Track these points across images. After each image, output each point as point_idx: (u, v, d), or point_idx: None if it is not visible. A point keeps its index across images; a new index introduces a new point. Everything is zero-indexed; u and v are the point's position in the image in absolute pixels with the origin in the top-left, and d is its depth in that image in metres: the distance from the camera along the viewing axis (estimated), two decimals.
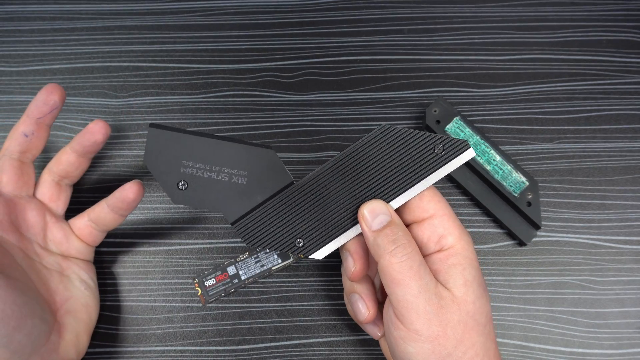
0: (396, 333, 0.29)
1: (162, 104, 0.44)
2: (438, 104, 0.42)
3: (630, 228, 0.41)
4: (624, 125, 0.44)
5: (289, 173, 0.31)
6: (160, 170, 0.30)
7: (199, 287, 0.38)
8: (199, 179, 0.30)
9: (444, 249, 0.30)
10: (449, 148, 0.30)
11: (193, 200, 0.31)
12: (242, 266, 0.38)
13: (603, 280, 0.40)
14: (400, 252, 0.29)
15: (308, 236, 0.31)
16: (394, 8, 0.47)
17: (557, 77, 0.45)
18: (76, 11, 0.47)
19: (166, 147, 0.30)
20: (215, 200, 0.31)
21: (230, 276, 0.38)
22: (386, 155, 0.31)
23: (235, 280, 0.38)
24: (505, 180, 0.40)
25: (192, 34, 0.46)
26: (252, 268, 0.38)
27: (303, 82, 0.45)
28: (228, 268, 0.38)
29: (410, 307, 0.28)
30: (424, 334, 0.28)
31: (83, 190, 0.42)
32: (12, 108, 0.44)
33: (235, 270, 0.38)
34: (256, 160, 0.30)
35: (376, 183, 0.31)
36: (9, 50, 0.46)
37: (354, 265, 0.32)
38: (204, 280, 0.38)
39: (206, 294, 0.38)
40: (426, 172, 0.31)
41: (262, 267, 0.38)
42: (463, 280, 0.29)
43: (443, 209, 0.31)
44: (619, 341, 0.39)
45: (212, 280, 0.38)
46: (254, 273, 0.38)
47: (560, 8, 0.47)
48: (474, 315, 0.29)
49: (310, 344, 0.39)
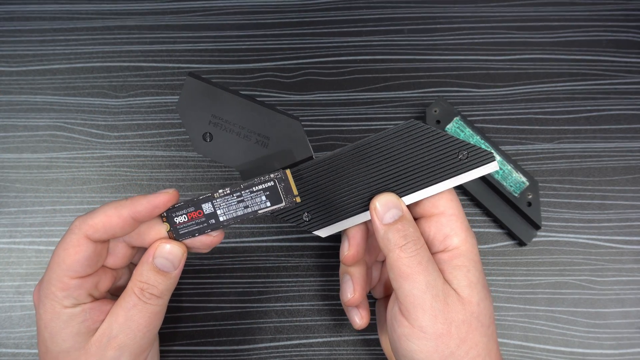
0: (400, 330, 0.29)
1: (162, 104, 0.44)
2: (438, 104, 0.42)
3: (630, 228, 0.41)
4: (624, 125, 0.44)
5: (310, 147, 0.31)
6: (190, 119, 0.31)
7: (167, 221, 0.31)
8: (224, 135, 0.31)
9: (449, 249, 0.30)
10: (474, 156, 0.30)
11: (214, 154, 0.32)
12: (222, 204, 0.31)
13: (603, 280, 0.40)
14: (411, 247, 0.29)
15: (316, 212, 0.32)
16: (394, 8, 0.47)
17: (557, 77, 0.45)
18: (76, 11, 0.47)
19: (200, 98, 0.31)
20: (235, 158, 0.32)
21: (206, 215, 0.31)
22: (408, 150, 0.30)
23: (212, 220, 0.31)
24: (505, 180, 0.40)
25: (192, 34, 0.46)
26: (234, 208, 0.31)
27: (303, 82, 0.45)
28: (203, 205, 0.31)
29: (417, 303, 0.28)
30: (428, 331, 0.28)
31: (84, 190, 0.42)
32: (12, 108, 0.44)
33: (212, 209, 0.31)
34: (282, 129, 0.31)
35: (393, 175, 0.31)
36: (9, 50, 0.46)
37: (348, 250, 0.32)
38: (173, 215, 0.31)
39: (176, 231, 0.31)
40: (445, 175, 0.30)
41: (245, 209, 0.31)
42: (467, 281, 0.29)
43: (453, 208, 0.31)
44: (619, 341, 0.39)
45: (184, 217, 0.31)
46: (234, 215, 0.31)
47: (561, 8, 0.47)
48: (478, 316, 0.29)
49: (310, 344, 0.39)
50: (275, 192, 0.31)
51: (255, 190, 0.31)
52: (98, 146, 0.43)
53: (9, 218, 0.42)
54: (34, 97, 0.44)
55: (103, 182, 0.42)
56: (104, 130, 0.43)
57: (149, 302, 0.29)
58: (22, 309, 0.40)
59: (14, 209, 0.42)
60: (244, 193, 0.31)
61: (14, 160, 0.43)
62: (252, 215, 0.31)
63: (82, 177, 0.42)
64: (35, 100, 0.44)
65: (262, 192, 0.31)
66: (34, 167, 0.43)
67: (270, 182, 0.31)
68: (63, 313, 0.28)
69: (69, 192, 0.42)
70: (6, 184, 0.42)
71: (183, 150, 0.43)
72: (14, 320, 0.39)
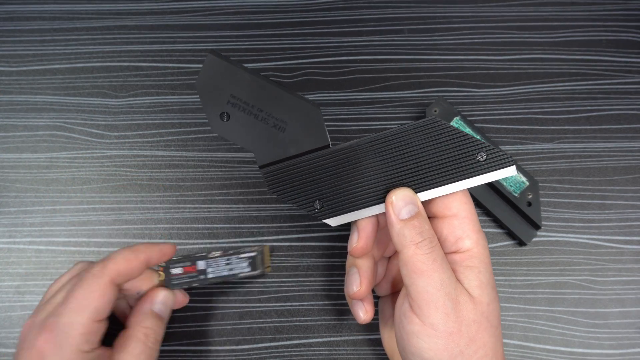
0: (409, 327, 0.29)
1: (162, 104, 0.44)
2: (438, 104, 0.42)
3: (630, 228, 0.41)
4: (624, 125, 0.44)
5: (327, 135, 0.31)
6: (209, 97, 0.31)
7: (164, 272, 0.35)
8: (241, 116, 0.31)
9: (461, 251, 0.30)
10: (493, 158, 0.30)
11: (230, 134, 0.31)
12: (212, 264, 0.36)
13: (603, 280, 0.40)
14: (427, 245, 0.29)
15: (328, 201, 0.31)
16: (394, 8, 0.47)
17: (557, 77, 0.45)
18: (76, 11, 0.47)
19: (220, 77, 0.31)
20: (251, 140, 0.31)
21: (198, 270, 0.36)
22: (427, 147, 0.30)
23: (202, 276, 0.36)
24: (505, 180, 0.40)
25: (192, 34, 0.46)
26: (221, 269, 0.36)
27: (303, 82, 0.45)
28: (198, 262, 0.36)
29: (430, 300, 0.28)
30: (439, 328, 0.28)
31: (84, 190, 0.42)
32: (12, 108, 0.44)
33: (204, 266, 0.36)
34: (301, 114, 0.31)
35: (409, 171, 0.30)
36: (9, 50, 0.46)
37: (357, 242, 0.32)
38: (170, 266, 0.36)
39: (169, 282, 0.35)
40: (463, 175, 0.30)
41: (230, 271, 0.36)
42: (478, 282, 0.29)
43: (466, 211, 0.31)
44: (619, 341, 0.39)
45: (180, 269, 0.36)
46: (221, 274, 0.36)
47: (560, 8, 0.47)
48: (488, 316, 0.29)
49: (310, 344, 0.39)
50: (254, 261, 0.37)
51: (242, 257, 0.37)
52: (98, 146, 0.43)
53: (9, 218, 0.42)
54: (34, 97, 0.44)
55: (103, 182, 0.42)
56: (104, 130, 0.43)
57: (153, 347, 0.31)
58: (21, 309, 0.40)
59: (14, 209, 0.42)
60: (232, 259, 0.37)
61: (14, 160, 0.43)
62: (233, 278, 0.37)
63: (82, 177, 0.42)
64: (35, 100, 0.44)
65: (246, 259, 0.37)
66: (34, 167, 0.43)
67: (254, 253, 0.37)
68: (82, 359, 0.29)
69: (69, 192, 0.42)
70: (6, 184, 0.42)
71: (183, 150, 0.43)
72: (14, 320, 0.39)
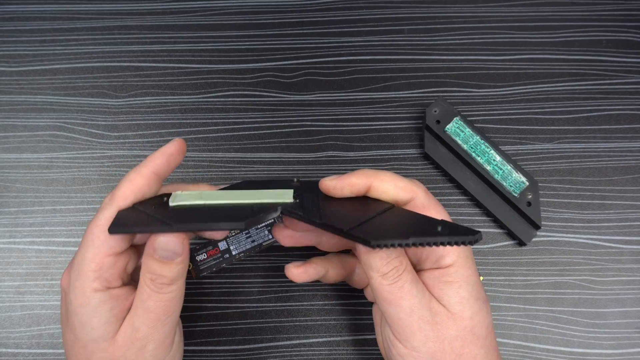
0: (395, 350, 0.29)
1: (162, 104, 0.44)
2: (438, 104, 0.42)
3: (630, 228, 0.41)
4: (624, 125, 0.44)
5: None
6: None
7: (191, 261, 0.37)
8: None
9: (442, 267, 0.30)
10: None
11: None
12: (234, 241, 0.38)
13: (603, 280, 0.40)
14: (393, 274, 0.28)
15: None
16: (394, 8, 0.47)
17: (557, 77, 0.45)
18: (76, 11, 0.47)
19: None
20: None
21: (222, 251, 0.38)
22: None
23: (227, 255, 0.38)
24: (505, 180, 0.40)
25: (192, 34, 0.46)
26: (243, 243, 0.38)
27: (303, 82, 0.45)
28: (219, 243, 0.38)
29: (404, 326, 0.28)
30: (421, 350, 0.28)
31: (84, 190, 0.42)
32: (12, 108, 0.44)
33: (226, 246, 0.38)
34: None
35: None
36: (9, 50, 0.46)
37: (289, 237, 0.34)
38: (195, 255, 0.37)
39: (197, 268, 0.37)
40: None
41: (252, 243, 0.38)
42: (458, 297, 0.29)
43: None
44: (619, 341, 0.39)
45: (204, 255, 0.38)
46: (245, 248, 0.38)
47: (560, 8, 0.47)
48: (473, 329, 0.28)
49: (310, 344, 0.39)
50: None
51: (260, 227, 0.38)
52: (98, 146, 0.43)
53: (9, 218, 0.42)
54: (34, 97, 0.44)
55: (103, 182, 0.42)
56: (104, 130, 0.43)
57: (162, 292, 0.29)
58: (22, 309, 0.40)
59: (14, 209, 0.42)
60: (251, 230, 0.38)
61: (14, 160, 0.43)
62: (258, 248, 0.38)
63: (82, 177, 0.42)
64: (35, 100, 0.44)
65: (265, 227, 0.38)
66: (34, 167, 0.43)
67: (271, 220, 0.37)
68: (93, 298, 0.28)
69: (69, 192, 0.42)
70: (6, 184, 0.42)
71: None
72: (14, 320, 0.39)
